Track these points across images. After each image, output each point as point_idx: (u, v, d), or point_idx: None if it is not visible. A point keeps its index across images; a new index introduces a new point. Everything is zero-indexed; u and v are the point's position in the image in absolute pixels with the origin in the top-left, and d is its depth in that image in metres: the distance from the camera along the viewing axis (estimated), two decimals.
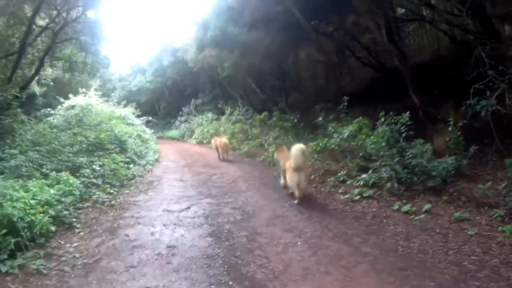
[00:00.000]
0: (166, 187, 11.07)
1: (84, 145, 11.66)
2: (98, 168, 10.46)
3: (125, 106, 23.36)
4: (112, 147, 13.08)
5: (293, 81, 23.82)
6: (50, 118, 15.56)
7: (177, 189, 10.64)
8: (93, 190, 9.20)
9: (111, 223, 7.44)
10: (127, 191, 10.22)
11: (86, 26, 18.90)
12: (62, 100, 18.68)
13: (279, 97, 23.53)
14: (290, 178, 8.68)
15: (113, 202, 8.90)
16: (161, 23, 66.46)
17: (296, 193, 8.55)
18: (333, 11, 14.78)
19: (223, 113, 27.30)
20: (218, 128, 24.86)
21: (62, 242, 6.24)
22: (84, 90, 19.91)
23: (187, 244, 6.19)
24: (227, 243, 6.21)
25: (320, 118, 12.63)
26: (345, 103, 11.81)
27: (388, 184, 8.41)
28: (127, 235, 6.66)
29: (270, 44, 17.93)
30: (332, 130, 11.37)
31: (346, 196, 8.74)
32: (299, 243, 6.13)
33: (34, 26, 16.40)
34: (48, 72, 21.26)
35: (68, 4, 16.87)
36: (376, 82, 16.56)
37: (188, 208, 8.50)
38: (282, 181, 9.93)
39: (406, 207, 7.36)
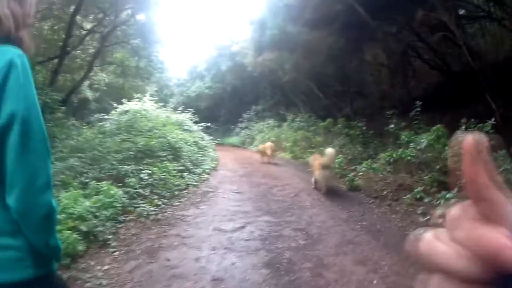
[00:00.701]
0: (221, 199, 10.04)
1: (131, 152, 10.90)
2: (146, 177, 9.58)
3: (182, 112, 22.80)
4: (164, 154, 12.26)
5: (357, 85, 22.91)
6: (102, 123, 15.06)
7: (232, 203, 9.57)
8: (139, 202, 8.28)
9: (152, 242, 6.41)
10: (177, 203, 9.23)
11: (137, 30, 18.74)
12: (115, 105, 18.19)
13: (343, 102, 22.77)
14: (320, 174, 10.50)
15: (159, 216, 7.90)
16: (216, 25, 67.04)
17: (323, 187, 10.47)
18: (398, 9, 13.83)
19: (284, 120, 26.59)
20: (279, 135, 24.07)
21: (92, 263, 5.34)
22: (138, 95, 19.36)
23: (237, 277, 5.05)
24: (286, 278, 5.04)
25: (392, 126, 11.66)
26: (418, 109, 10.83)
27: None
28: (168, 259, 5.60)
29: (333, 45, 17.39)
30: (406, 139, 10.37)
31: (426, 218, 7.55)
32: (375, 281, 4.96)
33: (81, 30, 16.30)
34: (101, 76, 21.09)
35: (116, 6, 16.62)
36: (443, 86, 15.55)
37: (243, 227, 7.34)
38: (313, 178, 11.29)
39: None
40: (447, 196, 7.95)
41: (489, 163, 0.45)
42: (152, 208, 8.18)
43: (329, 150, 10.79)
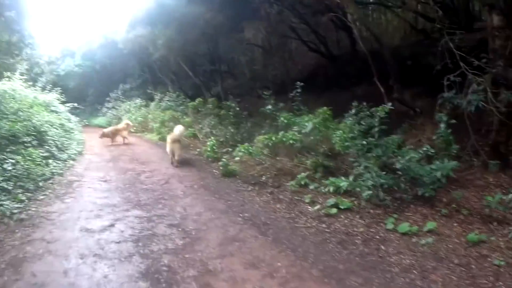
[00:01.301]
0: (87, 190, 9.05)
1: None
2: (10, 168, 8.42)
3: (50, 91, 21.10)
4: (29, 140, 10.90)
5: (229, 65, 22.51)
6: None
7: (99, 194, 8.67)
8: (2, 198, 7.19)
9: (17, 250, 5.38)
10: (41, 197, 8.12)
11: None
12: None
13: (212, 82, 22.20)
14: (169, 148, 11.96)
15: (23, 215, 6.85)
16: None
17: (174, 158, 11.88)
18: None
19: (152, 99, 25.61)
20: (147, 116, 23.12)
21: None
22: (8, 73, 17.54)
23: None
24: None
25: (269, 107, 11.22)
26: (298, 91, 10.45)
27: (369, 192, 6.77)
28: (34, 274, 4.65)
29: (209, 21, 16.74)
30: (285, 121, 9.86)
31: (316, 208, 7.05)
32: None
33: None
34: None
35: None
36: (321, 69, 15.67)
37: (112, 225, 6.51)
38: (168, 152, 12.18)
39: (404, 227, 5.81)
40: (341, 184, 7.50)
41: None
42: (16, 205, 7.18)
43: (177, 127, 13.15)
